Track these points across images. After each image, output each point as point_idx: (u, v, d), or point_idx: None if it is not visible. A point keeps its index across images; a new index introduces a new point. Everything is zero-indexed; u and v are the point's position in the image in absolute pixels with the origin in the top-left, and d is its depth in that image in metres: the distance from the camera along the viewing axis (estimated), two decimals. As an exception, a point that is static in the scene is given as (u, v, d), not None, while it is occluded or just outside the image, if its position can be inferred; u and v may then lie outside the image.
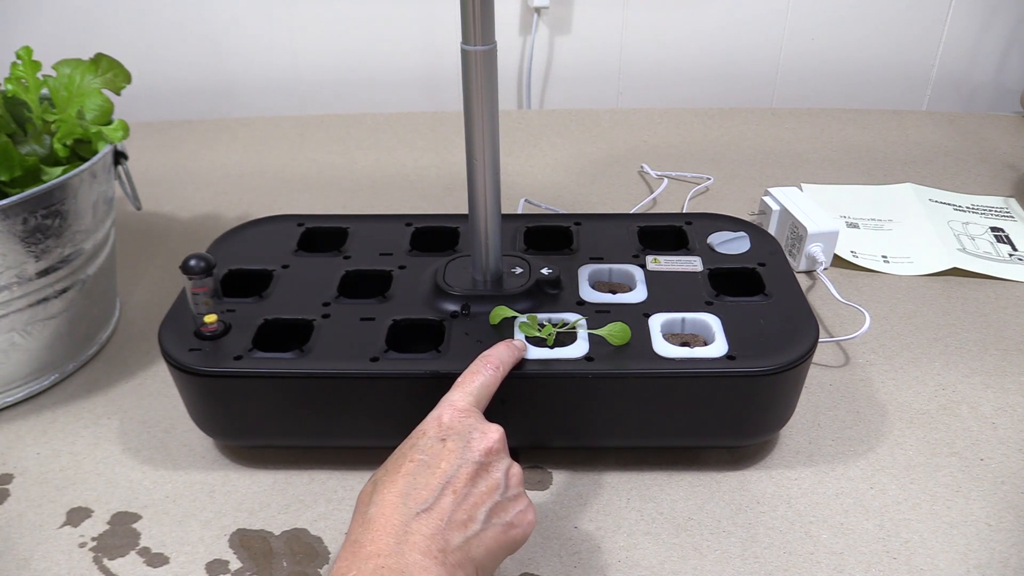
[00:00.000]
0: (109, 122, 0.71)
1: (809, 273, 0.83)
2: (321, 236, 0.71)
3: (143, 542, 0.56)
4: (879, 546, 0.55)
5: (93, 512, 0.59)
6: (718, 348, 0.57)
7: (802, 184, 1.00)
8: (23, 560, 0.55)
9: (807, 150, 1.09)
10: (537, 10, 1.22)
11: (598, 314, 0.60)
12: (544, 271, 0.63)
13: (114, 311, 0.78)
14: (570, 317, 0.59)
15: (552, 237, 0.71)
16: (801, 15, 1.23)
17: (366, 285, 0.64)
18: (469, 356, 0.53)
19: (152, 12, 1.22)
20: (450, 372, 0.53)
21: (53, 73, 0.71)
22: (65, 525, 0.58)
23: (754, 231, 0.70)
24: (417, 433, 0.48)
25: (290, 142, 1.14)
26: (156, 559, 0.55)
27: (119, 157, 0.72)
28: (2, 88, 0.71)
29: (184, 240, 0.92)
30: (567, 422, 0.58)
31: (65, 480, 0.61)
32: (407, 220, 0.73)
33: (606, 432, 0.59)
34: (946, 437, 0.63)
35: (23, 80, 0.70)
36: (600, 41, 1.26)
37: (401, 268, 0.66)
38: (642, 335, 0.58)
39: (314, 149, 1.12)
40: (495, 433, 0.48)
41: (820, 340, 0.64)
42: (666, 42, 1.26)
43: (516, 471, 0.48)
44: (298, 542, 0.56)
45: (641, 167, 1.05)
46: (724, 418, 0.58)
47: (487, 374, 0.52)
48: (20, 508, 0.59)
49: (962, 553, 0.54)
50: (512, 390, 0.56)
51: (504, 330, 0.59)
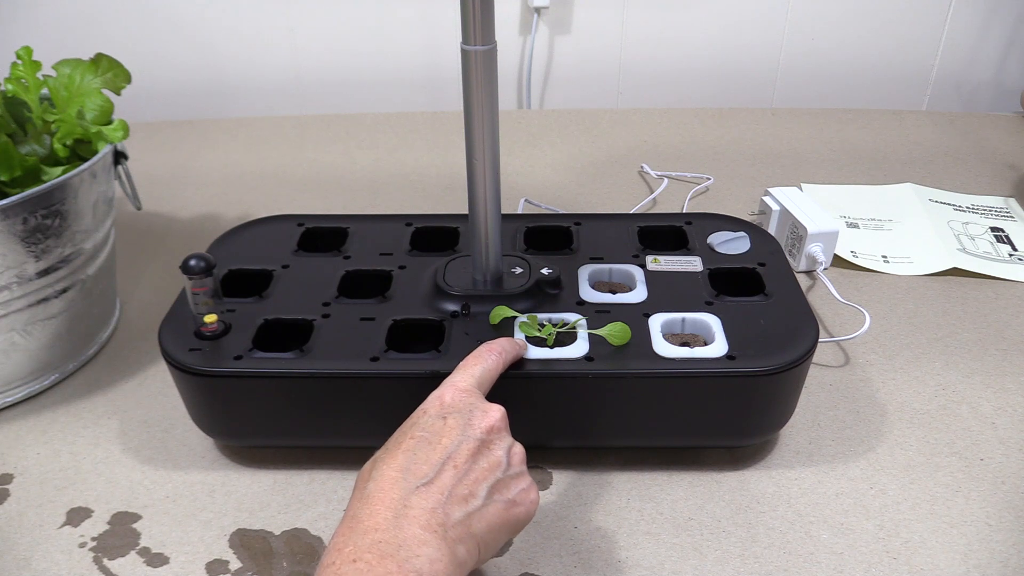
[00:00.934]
0: (109, 122, 0.71)
1: (809, 273, 0.83)
2: (321, 236, 0.71)
3: (143, 542, 0.56)
4: (879, 546, 0.55)
5: (93, 512, 0.59)
6: (718, 348, 0.57)
7: (802, 184, 1.00)
8: (23, 560, 0.55)
9: (807, 150, 1.09)
10: (537, 10, 1.22)
11: (598, 314, 0.60)
12: (544, 271, 0.63)
13: (114, 311, 0.78)
14: (570, 317, 0.59)
15: (552, 237, 0.71)
16: (801, 15, 1.23)
17: (366, 285, 0.64)
18: (469, 356, 0.53)
19: (152, 12, 1.22)
20: (450, 372, 0.52)
21: (53, 73, 0.71)
22: (65, 525, 0.58)
23: (754, 231, 0.70)
24: (418, 412, 0.48)
25: (290, 142, 1.14)
26: (156, 559, 0.55)
27: (119, 157, 0.72)
28: (2, 88, 0.71)
29: (184, 240, 0.92)
30: (567, 422, 0.58)
31: (65, 480, 0.61)
32: (407, 220, 0.73)
33: (606, 432, 0.59)
34: (946, 437, 0.63)
35: (23, 80, 0.70)
36: (600, 41, 1.26)
37: (401, 268, 0.66)
38: (642, 335, 0.58)
39: (314, 149, 1.12)
40: (496, 412, 0.48)
41: (820, 340, 0.64)
42: (666, 42, 1.26)
43: (518, 450, 0.48)
44: (298, 542, 0.56)
45: (641, 167, 1.05)
46: (724, 418, 0.58)
47: (491, 359, 0.52)
48: (20, 508, 0.59)
49: (962, 553, 0.54)
50: (512, 390, 0.56)
51: (504, 330, 0.59)
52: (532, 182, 1.03)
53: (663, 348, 0.57)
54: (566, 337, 0.58)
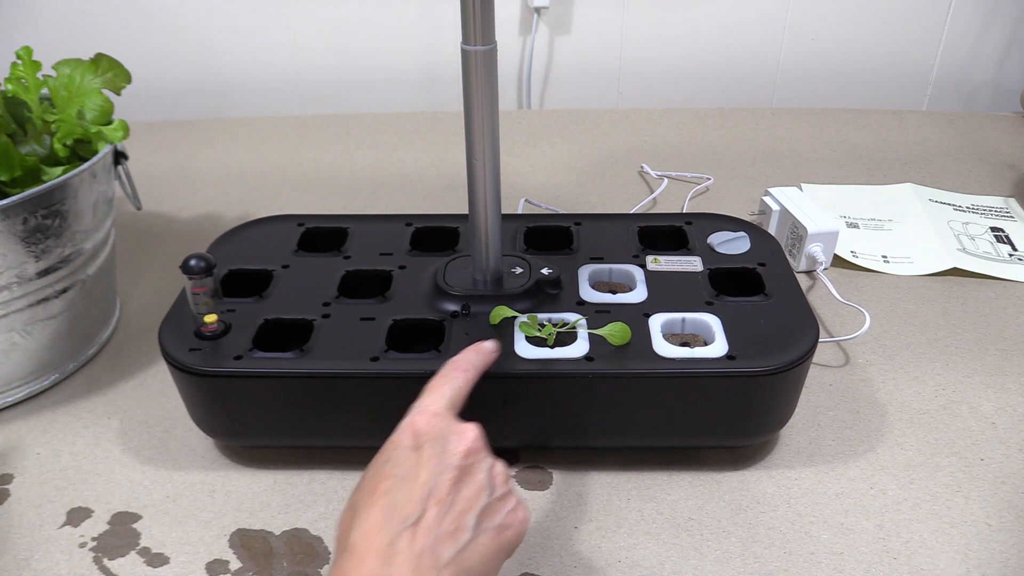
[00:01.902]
0: (109, 122, 0.71)
1: (809, 273, 0.83)
2: (321, 236, 0.71)
3: (143, 542, 0.56)
4: (879, 546, 0.55)
5: (93, 512, 0.59)
6: (718, 348, 0.57)
7: (802, 184, 1.00)
8: (23, 560, 0.55)
9: (807, 150, 1.09)
10: (537, 10, 1.22)
11: (598, 314, 0.60)
12: (544, 271, 0.63)
13: (114, 311, 0.78)
14: (570, 317, 0.59)
15: (552, 237, 0.71)
16: (801, 15, 1.23)
17: (366, 285, 0.64)
18: (469, 356, 0.53)
19: (152, 12, 1.22)
20: (450, 372, 0.52)
21: (53, 73, 0.71)
22: (65, 525, 0.57)
23: (754, 231, 0.70)
24: (389, 446, 0.45)
25: (290, 142, 1.14)
26: (156, 559, 0.55)
27: (119, 157, 0.72)
28: (2, 88, 0.71)
29: (184, 240, 0.92)
30: (567, 422, 0.58)
31: (65, 480, 0.61)
32: (407, 220, 0.73)
33: (606, 432, 0.59)
34: (946, 437, 0.63)
35: (23, 80, 0.70)
36: (600, 41, 1.26)
37: (401, 268, 0.66)
38: (642, 335, 0.58)
39: (314, 149, 1.12)
40: (471, 432, 0.45)
41: (820, 340, 0.64)
42: (666, 42, 1.26)
43: (500, 469, 0.46)
44: (298, 542, 0.56)
45: (641, 167, 1.05)
46: (724, 418, 0.58)
47: (458, 377, 0.49)
48: (20, 508, 0.59)
49: (962, 553, 0.54)
50: (512, 390, 0.56)
51: (504, 330, 0.59)
52: (532, 182, 1.03)
53: (663, 348, 0.57)
54: (566, 337, 0.58)
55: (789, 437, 0.64)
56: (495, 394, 0.56)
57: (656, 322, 0.59)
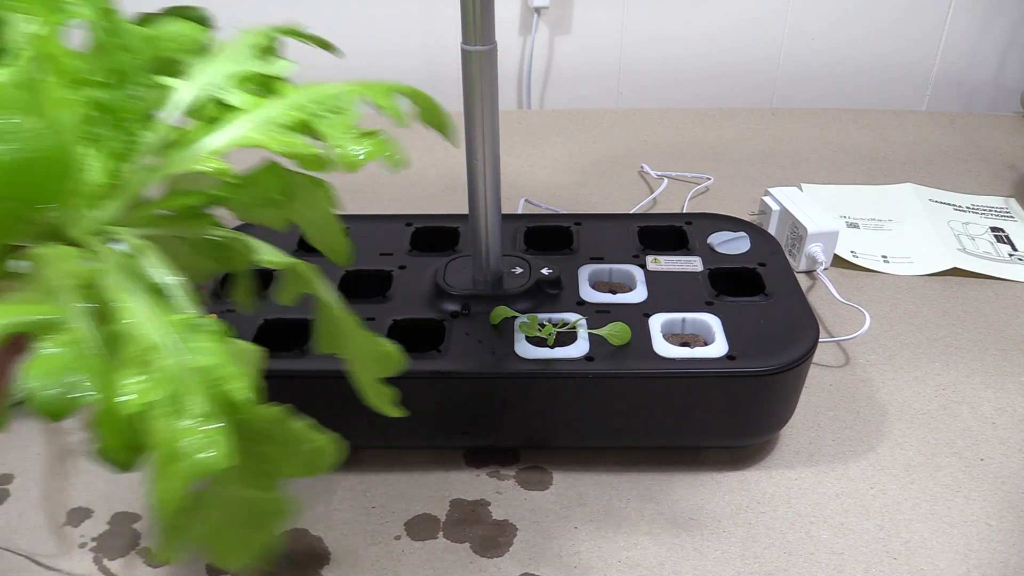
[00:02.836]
0: (109, 122, 0.71)
1: (809, 273, 0.83)
2: (321, 236, 0.71)
3: (143, 542, 0.56)
4: (879, 546, 0.55)
5: (93, 512, 0.59)
6: (718, 348, 0.57)
7: (802, 184, 1.00)
8: (23, 560, 0.55)
9: (807, 150, 1.09)
10: (537, 10, 1.22)
11: (598, 314, 0.60)
12: (544, 271, 0.63)
13: (114, 311, 0.78)
14: (570, 317, 0.59)
15: (552, 237, 0.71)
16: (801, 15, 1.23)
17: (366, 285, 0.64)
18: (469, 356, 0.53)
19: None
20: (450, 372, 0.53)
21: (53, 73, 0.71)
22: (65, 525, 0.57)
23: (754, 231, 0.70)
24: None
25: (290, 142, 1.14)
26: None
27: (119, 157, 0.72)
28: (2, 88, 0.71)
29: (184, 240, 0.91)
30: (567, 422, 0.58)
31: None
32: (407, 220, 0.73)
33: (606, 432, 0.59)
34: (946, 437, 0.63)
35: (23, 80, 0.70)
36: (600, 41, 1.26)
37: (401, 268, 0.66)
38: (642, 335, 0.58)
39: (314, 149, 1.12)
40: None
41: (820, 340, 0.64)
42: (666, 42, 1.26)
43: None
44: (298, 542, 0.56)
45: (641, 167, 1.05)
46: (724, 418, 0.58)
47: None
48: (20, 508, 0.59)
49: (962, 553, 0.54)
50: (512, 390, 0.56)
51: (504, 330, 0.59)
52: (532, 182, 1.03)
53: (663, 348, 0.57)
54: (566, 337, 0.58)
55: (789, 437, 0.64)
56: (495, 394, 0.56)
57: (656, 322, 0.59)
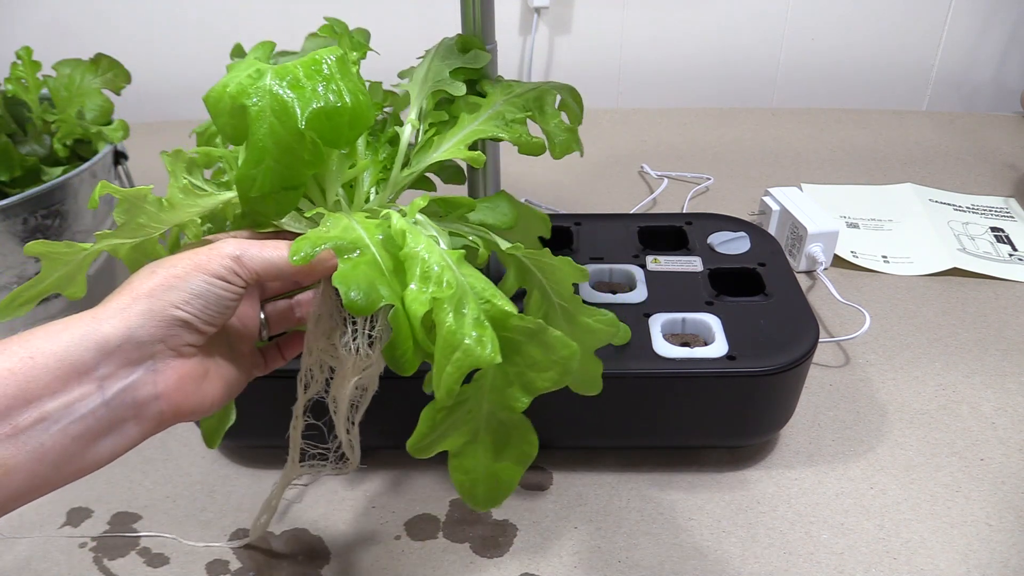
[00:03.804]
0: (109, 122, 0.71)
1: (809, 273, 0.83)
2: (321, 236, 0.71)
3: (143, 542, 0.56)
4: (879, 546, 0.55)
5: (93, 512, 0.59)
6: (718, 348, 0.57)
7: (802, 184, 1.00)
8: (23, 560, 0.55)
9: (807, 150, 1.09)
10: (537, 10, 1.22)
11: (598, 314, 0.60)
12: (544, 271, 0.63)
13: (114, 311, 0.78)
14: (570, 317, 0.59)
15: (553, 237, 0.70)
16: (801, 15, 1.23)
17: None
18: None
19: (152, 12, 1.22)
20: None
21: (53, 73, 0.71)
22: (65, 525, 0.57)
23: (754, 231, 0.70)
24: None
25: (290, 142, 1.14)
26: (156, 559, 0.55)
27: (119, 157, 0.72)
28: (2, 88, 0.71)
29: (184, 240, 0.91)
30: (567, 422, 0.58)
31: (65, 480, 0.61)
32: (407, 220, 0.72)
33: (606, 432, 0.59)
34: (946, 437, 0.63)
35: (23, 80, 0.70)
36: (600, 41, 1.26)
37: (401, 268, 0.66)
38: (642, 335, 0.58)
39: (314, 149, 1.12)
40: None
41: (820, 340, 0.64)
42: (666, 42, 1.26)
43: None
44: (298, 542, 0.56)
45: (641, 167, 1.05)
46: (724, 418, 0.58)
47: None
48: (20, 508, 0.59)
49: (962, 553, 0.54)
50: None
51: (504, 330, 0.59)
52: (532, 182, 1.03)
53: (663, 348, 0.57)
54: (566, 337, 0.58)
55: (789, 437, 0.64)
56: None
57: (656, 322, 0.59)
